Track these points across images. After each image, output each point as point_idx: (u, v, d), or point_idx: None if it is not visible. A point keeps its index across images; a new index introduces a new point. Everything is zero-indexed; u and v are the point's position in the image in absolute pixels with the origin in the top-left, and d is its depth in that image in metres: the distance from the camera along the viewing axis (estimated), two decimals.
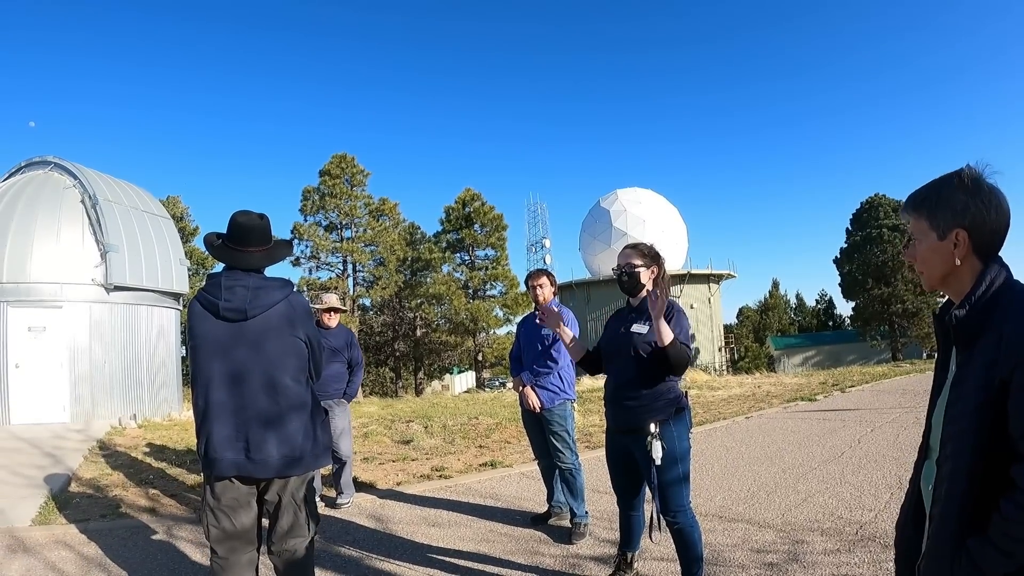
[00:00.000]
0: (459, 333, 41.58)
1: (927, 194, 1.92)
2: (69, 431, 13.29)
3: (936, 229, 1.87)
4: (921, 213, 1.91)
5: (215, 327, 3.46)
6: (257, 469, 3.38)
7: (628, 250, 4.43)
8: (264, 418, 3.39)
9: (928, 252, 1.91)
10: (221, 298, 3.44)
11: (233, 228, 3.58)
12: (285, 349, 3.46)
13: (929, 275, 1.95)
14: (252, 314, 3.42)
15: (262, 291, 3.46)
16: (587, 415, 12.81)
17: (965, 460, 1.71)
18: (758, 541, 5.47)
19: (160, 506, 7.43)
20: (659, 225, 49.08)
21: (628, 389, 4.22)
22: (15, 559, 5.83)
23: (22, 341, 14.70)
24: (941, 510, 1.77)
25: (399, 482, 8.26)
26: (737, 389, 18.53)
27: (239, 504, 3.47)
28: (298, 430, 3.45)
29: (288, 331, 3.47)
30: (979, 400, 1.69)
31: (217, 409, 3.42)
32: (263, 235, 3.60)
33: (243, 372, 3.41)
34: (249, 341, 3.42)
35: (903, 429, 10.33)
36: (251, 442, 3.37)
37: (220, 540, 3.49)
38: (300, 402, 3.49)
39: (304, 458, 3.46)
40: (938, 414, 1.91)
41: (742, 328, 78.04)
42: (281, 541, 3.51)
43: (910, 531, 2.05)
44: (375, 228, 41.11)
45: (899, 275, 51.74)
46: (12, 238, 14.86)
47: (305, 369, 3.58)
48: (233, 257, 3.58)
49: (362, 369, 7.56)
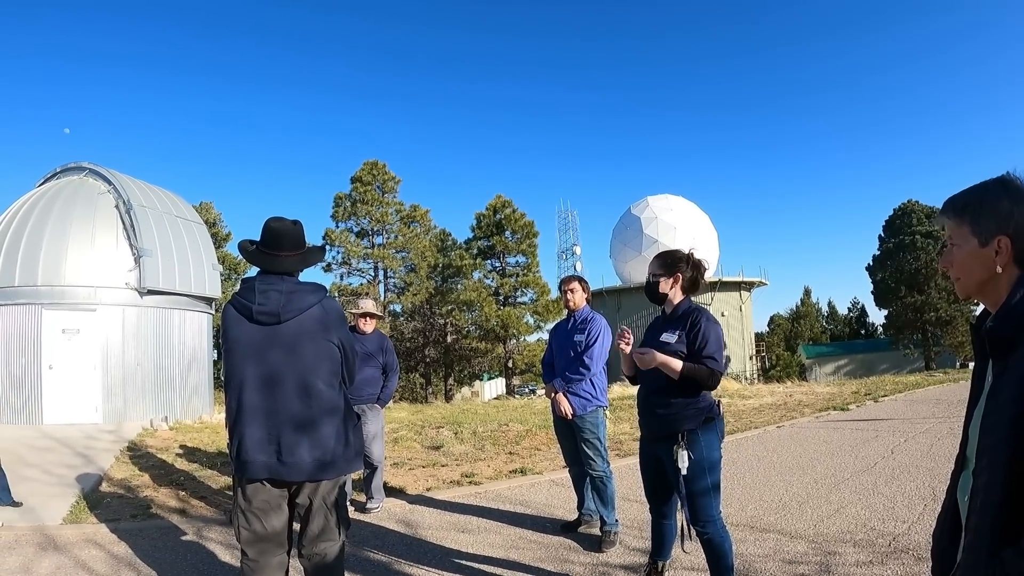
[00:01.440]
0: (489, 340, 41.55)
1: (969, 199, 1.85)
2: (101, 432, 13.44)
3: (978, 235, 1.80)
4: (963, 218, 1.85)
5: (249, 330, 3.48)
6: (289, 472, 3.38)
7: (654, 259, 4.46)
8: (297, 421, 3.40)
9: (968, 259, 1.84)
10: (255, 301, 3.46)
11: (267, 233, 3.61)
12: (318, 353, 3.46)
13: (966, 282, 1.88)
14: (285, 317, 3.43)
15: (295, 295, 3.47)
16: (618, 423, 12.75)
17: (1000, 472, 1.64)
18: (790, 552, 5.40)
19: (190, 507, 7.48)
20: (690, 232, 48.74)
21: (659, 397, 4.21)
22: (46, 557, 5.90)
23: (56, 343, 14.90)
24: (976, 522, 1.70)
25: (429, 488, 8.26)
26: (768, 398, 18.38)
27: (270, 507, 3.48)
28: (330, 434, 3.44)
29: (321, 335, 3.47)
30: (1014, 412, 1.63)
31: (250, 412, 3.43)
32: (296, 240, 3.62)
33: (276, 375, 3.42)
34: (282, 344, 3.43)
35: (937, 439, 10.19)
36: (283, 445, 3.38)
37: (251, 542, 3.50)
38: (333, 406, 3.49)
39: (336, 462, 3.45)
40: (974, 425, 1.83)
41: (773, 336, 77.55)
42: (311, 545, 3.51)
43: (946, 542, 1.99)
44: (406, 234, 41.22)
45: (932, 283, 51.14)
46: (47, 242, 15.08)
47: (338, 373, 3.57)
48: (267, 261, 3.60)
49: (396, 375, 7.56)
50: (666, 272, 4.34)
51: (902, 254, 53.67)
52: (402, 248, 40.94)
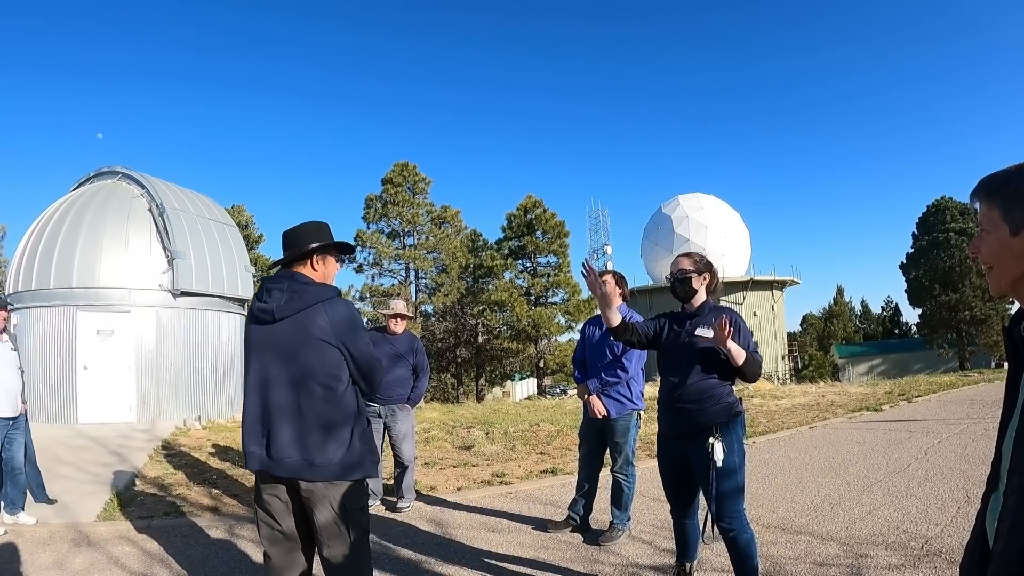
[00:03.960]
0: (521, 340, 41.44)
1: (1003, 181, 1.66)
2: (135, 431, 13.63)
3: (1009, 222, 1.61)
4: (994, 201, 1.66)
5: (253, 329, 3.57)
6: (276, 467, 3.41)
7: (681, 257, 4.56)
8: (286, 420, 3.42)
9: (998, 248, 1.65)
10: (260, 300, 3.54)
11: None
12: (313, 353, 3.45)
13: (998, 275, 1.69)
14: (280, 316, 3.45)
15: (297, 294, 3.49)
16: (648, 423, 12.70)
17: None
18: (821, 554, 5.36)
19: (222, 505, 7.55)
20: (721, 231, 48.64)
21: (686, 393, 4.25)
22: (80, 553, 6.00)
23: (91, 344, 15.09)
24: (1002, 547, 1.51)
25: (460, 487, 8.29)
26: (801, 398, 18.22)
27: (279, 503, 3.52)
28: (324, 435, 3.42)
29: (318, 335, 3.45)
30: None
31: (250, 406, 3.51)
32: (294, 239, 3.67)
33: (270, 373, 3.47)
34: (277, 343, 3.47)
35: (971, 441, 10.07)
36: (272, 441, 3.42)
37: (268, 538, 3.56)
38: (328, 407, 3.46)
39: (327, 465, 3.42)
40: (1008, 441, 1.64)
41: (806, 336, 76.98)
42: (321, 546, 3.51)
43: (975, 573, 1.75)
44: (437, 235, 41.21)
45: (967, 281, 50.39)
46: (82, 245, 15.28)
47: (339, 377, 3.51)
48: (279, 263, 3.71)
49: (427, 375, 7.58)
50: (697, 270, 4.45)
51: (936, 252, 52.94)
52: (433, 249, 40.95)
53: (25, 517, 6.95)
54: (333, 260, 3.76)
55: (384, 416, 7.21)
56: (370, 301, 38.31)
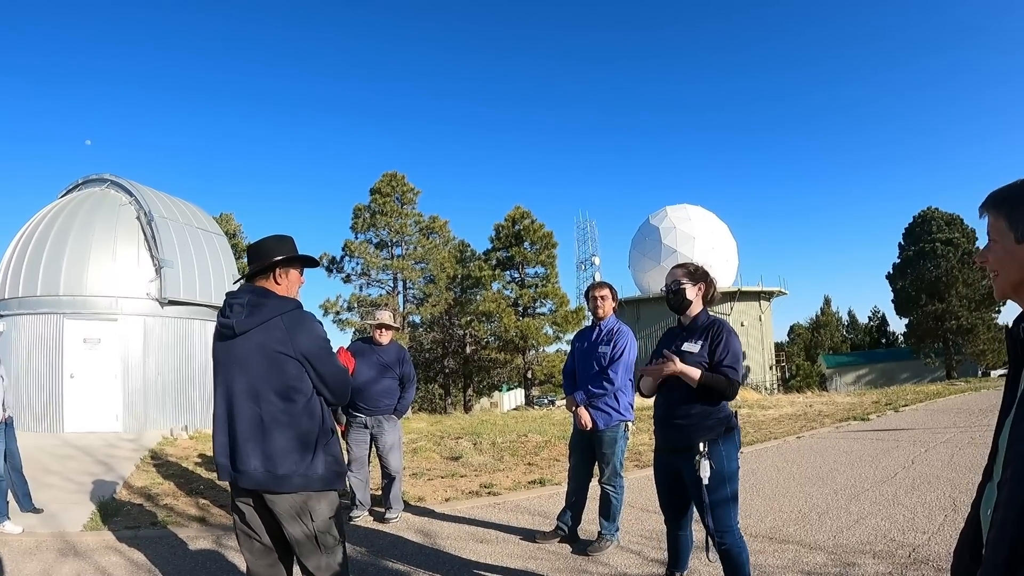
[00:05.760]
0: (508, 351, 41.37)
1: (1009, 193, 1.77)
2: (121, 440, 13.54)
3: (1015, 230, 1.72)
4: (1001, 212, 1.76)
5: (217, 345, 3.60)
6: (241, 479, 3.43)
7: (676, 268, 4.53)
8: (248, 432, 3.43)
9: (1004, 255, 1.76)
10: (222, 315, 3.57)
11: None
12: (272, 366, 3.45)
13: (1002, 280, 1.79)
14: (240, 330, 3.46)
15: (256, 308, 3.50)
16: (636, 434, 12.72)
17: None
18: (808, 563, 5.37)
19: (209, 516, 7.52)
20: (709, 242, 48.82)
21: (678, 408, 4.24)
22: (66, 563, 5.97)
23: (77, 352, 15.02)
24: (994, 536, 1.58)
25: (448, 498, 8.28)
26: (788, 408, 18.30)
27: (252, 514, 3.54)
28: (285, 447, 3.42)
29: (276, 348, 3.45)
30: None
31: (219, 420, 3.52)
32: (257, 252, 3.69)
33: (232, 387, 3.48)
34: (238, 356, 3.48)
35: (958, 449, 10.12)
36: (237, 454, 3.43)
37: (247, 548, 3.59)
38: (290, 419, 3.46)
39: (291, 477, 3.41)
40: (1004, 434, 1.74)
41: (793, 346, 77.12)
42: (298, 557, 3.52)
43: (967, 559, 1.88)
44: (425, 246, 41.14)
45: (953, 290, 50.80)
46: (69, 253, 15.22)
47: (299, 389, 3.50)
48: (243, 277, 3.76)
49: (414, 386, 7.56)
50: (692, 280, 4.43)
51: (922, 262, 53.36)
52: (421, 259, 40.87)
53: (11, 526, 6.91)
54: (296, 273, 3.76)
55: (371, 427, 7.20)
56: (358, 311, 38.20)
